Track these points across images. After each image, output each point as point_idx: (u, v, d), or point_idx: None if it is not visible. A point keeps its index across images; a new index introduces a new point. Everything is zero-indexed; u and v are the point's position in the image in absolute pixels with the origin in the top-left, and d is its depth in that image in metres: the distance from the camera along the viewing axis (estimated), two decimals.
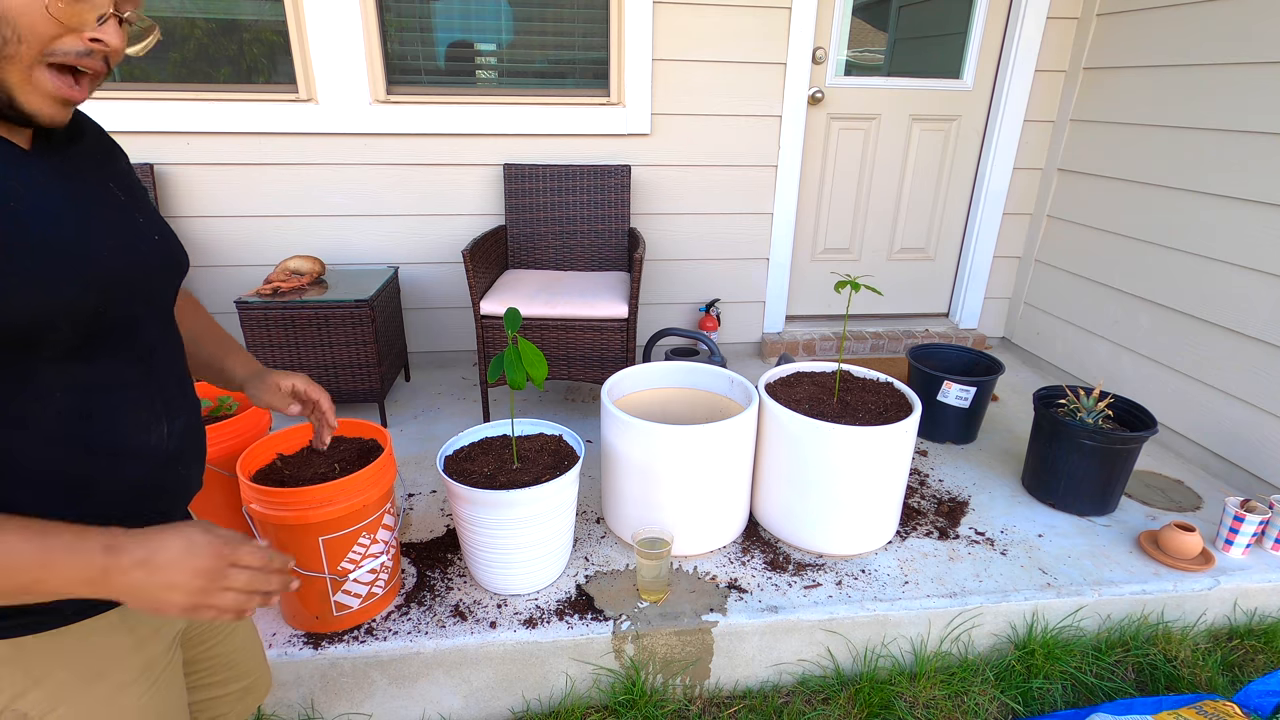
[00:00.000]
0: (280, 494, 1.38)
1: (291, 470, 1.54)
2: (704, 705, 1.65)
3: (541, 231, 2.79)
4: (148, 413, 0.75)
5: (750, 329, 3.22)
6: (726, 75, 2.77)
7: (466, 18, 2.65)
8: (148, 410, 0.75)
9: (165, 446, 0.77)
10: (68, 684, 0.73)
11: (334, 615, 1.53)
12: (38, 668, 0.71)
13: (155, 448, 0.76)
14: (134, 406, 0.73)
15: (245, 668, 1.00)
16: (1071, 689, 1.68)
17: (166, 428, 0.77)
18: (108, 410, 0.70)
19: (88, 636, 0.73)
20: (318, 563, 1.46)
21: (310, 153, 2.67)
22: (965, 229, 3.26)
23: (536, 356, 1.53)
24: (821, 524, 1.81)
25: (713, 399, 2.03)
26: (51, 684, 0.72)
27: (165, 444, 0.77)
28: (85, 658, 0.73)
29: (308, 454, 1.60)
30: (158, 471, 0.77)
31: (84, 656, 0.73)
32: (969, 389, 2.33)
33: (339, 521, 1.44)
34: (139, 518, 0.73)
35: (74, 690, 0.73)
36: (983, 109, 3.05)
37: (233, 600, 0.67)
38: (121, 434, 0.72)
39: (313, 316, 2.31)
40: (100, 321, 0.68)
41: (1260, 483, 2.17)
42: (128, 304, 0.72)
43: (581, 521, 1.98)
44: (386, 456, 1.51)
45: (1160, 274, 2.50)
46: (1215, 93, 2.28)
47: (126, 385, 0.72)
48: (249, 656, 1.01)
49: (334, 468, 1.54)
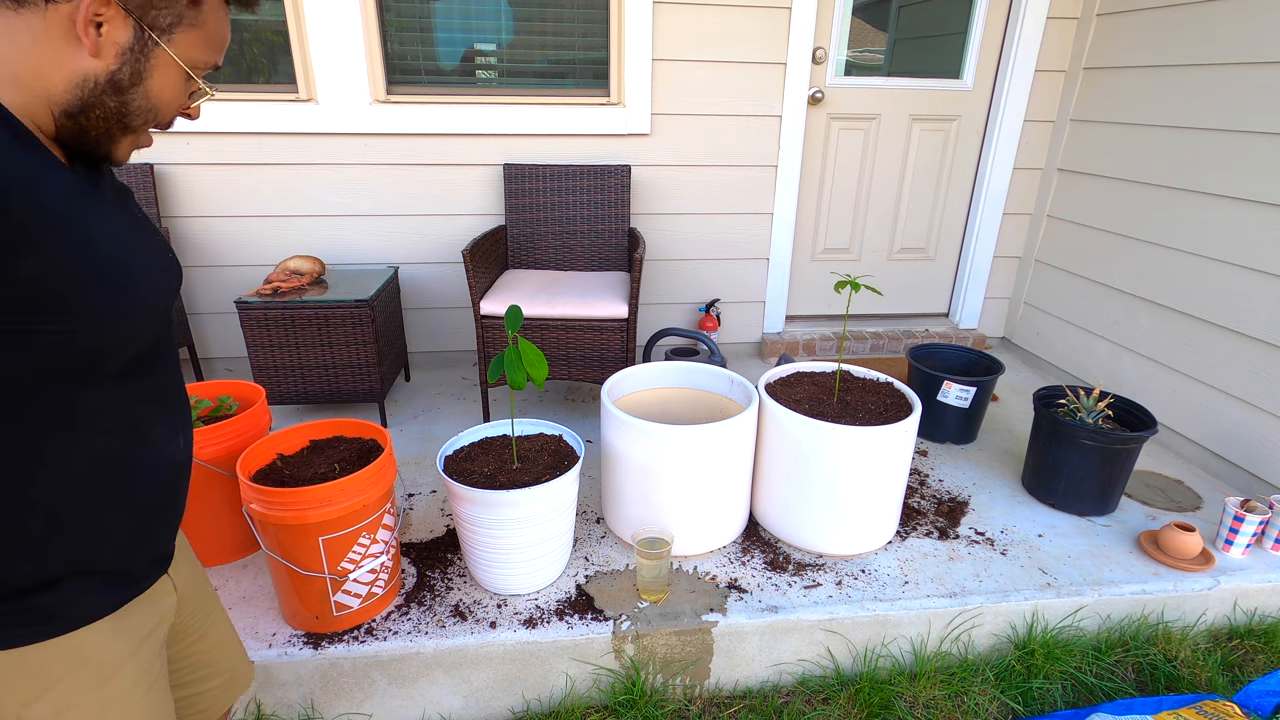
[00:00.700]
0: (280, 494, 1.38)
1: (291, 470, 1.54)
2: (704, 705, 1.65)
3: (541, 231, 2.79)
4: (171, 424, 0.79)
5: (750, 329, 3.22)
6: (726, 75, 2.77)
7: (466, 18, 2.65)
8: (171, 421, 0.79)
9: (179, 457, 0.81)
10: (73, 690, 0.73)
11: (334, 615, 1.53)
12: (45, 676, 0.71)
13: (174, 457, 0.80)
14: (162, 418, 0.77)
15: (224, 664, 1.01)
16: (1071, 689, 1.68)
17: (182, 439, 0.81)
18: (145, 422, 0.74)
19: (89, 643, 0.74)
20: (317, 563, 1.46)
21: (310, 153, 2.67)
22: (965, 229, 3.26)
23: (536, 356, 1.53)
24: (821, 524, 1.81)
25: (713, 399, 2.03)
26: (58, 691, 0.72)
27: (180, 454, 0.81)
28: (88, 664, 0.74)
29: (307, 454, 1.60)
30: (177, 481, 0.81)
31: (87, 663, 0.74)
32: (969, 389, 2.33)
33: (339, 521, 1.44)
34: (162, 529, 0.80)
35: (79, 696, 0.73)
36: (983, 109, 3.05)
37: None
38: (154, 443, 0.76)
39: (313, 316, 2.31)
40: (151, 341, 0.74)
41: (1260, 483, 2.17)
42: (164, 323, 0.77)
43: (581, 521, 1.98)
44: (386, 457, 1.51)
45: (1160, 274, 2.50)
46: (1215, 93, 2.28)
47: (158, 398, 0.77)
48: (227, 653, 1.02)
49: (334, 468, 1.55)
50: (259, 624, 1.58)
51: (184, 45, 0.67)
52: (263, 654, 1.50)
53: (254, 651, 1.50)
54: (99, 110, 0.64)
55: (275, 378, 2.37)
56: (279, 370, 2.36)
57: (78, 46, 0.61)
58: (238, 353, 2.91)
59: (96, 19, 0.60)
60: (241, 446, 1.69)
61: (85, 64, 0.62)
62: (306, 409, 2.61)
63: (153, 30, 0.64)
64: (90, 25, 0.60)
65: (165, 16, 0.64)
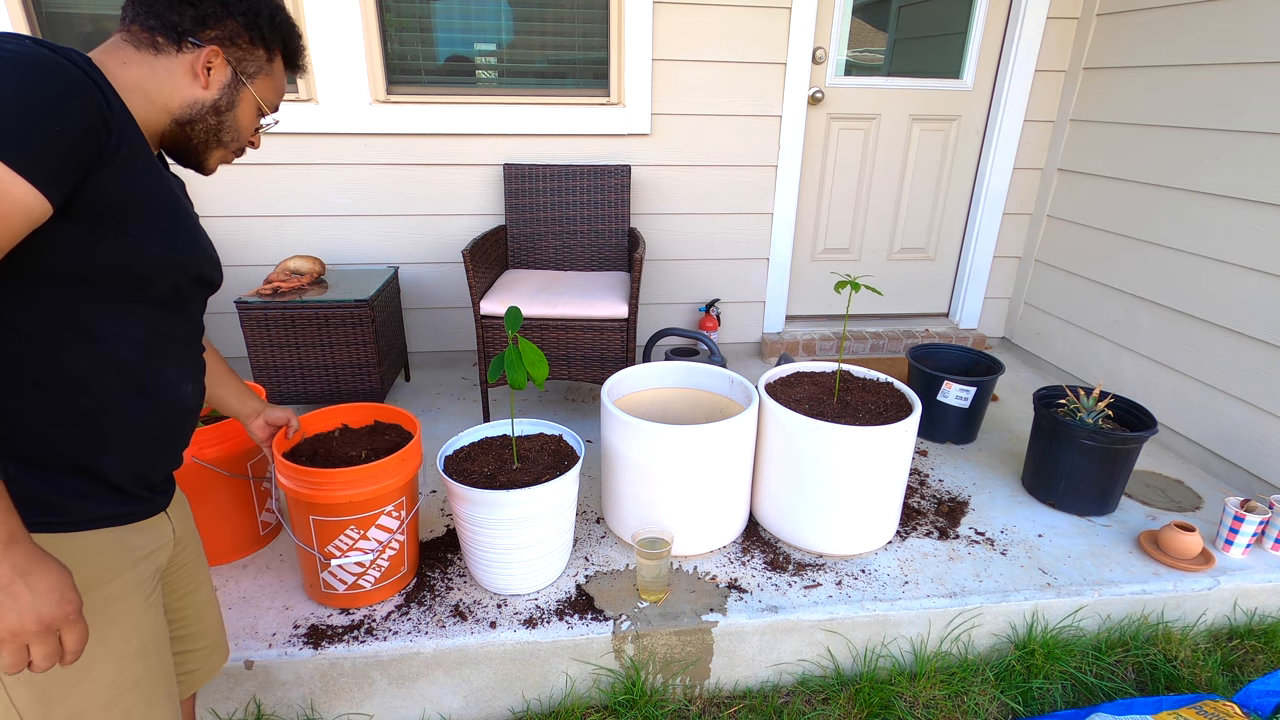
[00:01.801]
0: (311, 473, 1.44)
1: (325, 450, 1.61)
2: (704, 705, 1.65)
3: (541, 231, 2.79)
4: (192, 366, 0.95)
5: (750, 329, 3.22)
6: (726, 75, 2.77)
7: (467, 18, 2.65)
8: (192, 365, 0.95)
9: (188, 401, 0.95)
10: None
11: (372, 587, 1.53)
12: None
13: (189, 396, 0.95)
14: (185, 358, 0.93)
15: (210, 625, 1.12)
16: (1071, 689, 1.68)
17: (192, 385, 0.95)
18: (173, 354, 0.90)
19: (88, 547, 0.82)
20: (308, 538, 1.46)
21: (310, 153, 2.67)
22: (965, 229, 3.26)
23: (537, 356, 1.53)
24: (821, 524, 1.81)
25: (713, 399, 2.03)
26: None
27: (189, 399, 0.95)
28: (86, 565, 0.81)
29: (340, 435, 1.68)
30: (187, 418, 0.96)
31: (85, 564, 0.81)
32: (969, 389, 2.33)
33: (370, 502, 1.49)
34: (170, 454, 0.94)
35: None
36: (983, 109, 3.05)
37: (11, 658, 0.69)
38: (174, 375, 0.91)
39: (313, 316, 2.31)
40: (189, 286, 0.90)
41: (1260, 483, 2.17)
42: (200, 284, 0.93)
43: (581, 521, 1.98)
44: (376, 470, 1.50)
45: (1160, 274, 2.50)
46: (1215, 93, 2.28)
47: (186, 341, 0.93)
48: (212, 616, 1.12)
49: (361, 454, 1.59)
50: (259, 624, 1.58)
51: (261, 88, 0.95)
52: (263, 654, 1.50)
53: (254, 651, 1.50)
54: (202, 125, 0.91)
55: (275, 377, 2.37)
56: (279, 370, 2.37)
57: (194, 81, 0.88)
58: (238, 353, 2.91)
59: (209, 64, 0.88)
60: (242, 447, 1.69)
61: (198, 93, 0.89)
62: (306, 409, 2.61)
63: (243, 75, 0.92)
64: (204, 68, 0.88)
65: (251, 66, 0.93)
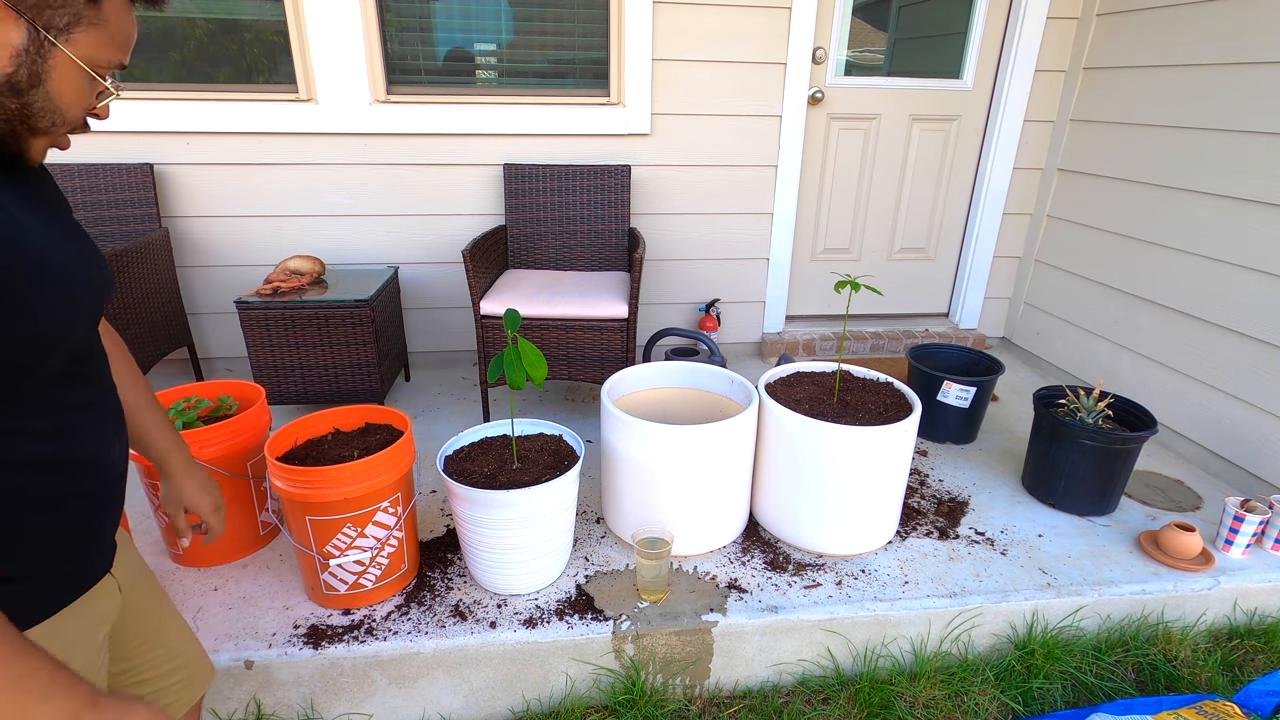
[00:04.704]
0: (304, 472, 1.45)
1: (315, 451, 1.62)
2: (704, 705, 1.65)
3: (541, 231, 2.79)
4: (106, 428, 0.78)
5: (750, 329, 3.22)
6: (726, 75, 2.77)
7: (466, 18, 2.65)
8: (106, 425, 0.78)
9: (116, 461, 0.80)
10: None
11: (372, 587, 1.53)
12: None
13: (112, 460, 0.79)
14: (97, 422, 0.77)
15: (182, 659, 1.01)
16: (1071, 689, 1.68)
17: (118, 443, 0.81)
18: (82, 427, 0.73)
19: (60, 626, 0.74)
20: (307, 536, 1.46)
21: (310, 153, 2.67)
22: (965, 229, 3.26)
23: (536, 356, 1.53)
24: (821, 524, 1.81)
25: (713, 399, 2.03)
26: None
27: (117, 458, 0.80)
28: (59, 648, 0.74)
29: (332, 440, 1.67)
30: (113, 484, 0.80)
31: (59, 647, 0.74)
32: (969, 389, 2.33)
33: (364, 499, 1.49)
34: (101, 532, 0.79)
35: None
36: (983, 109, 3.05)
37: None
38: (90, 449, 0.75)
39: (313, 316, 2.31)
40: (82, 345, 0.73)
41: (1260, 482, 2.17)
42: (94, 329, 0.77)
43: (581, 521, 1.98)
44: (367, 467, 1.50)
45: (1160, 274, 2.50)
46: (1215, 93, 2.28)
47: (93, 404, 0.76)
48: (185, 647, 1.02)
49: (354, 453, 1.59)
50: (259, 624, 1.58)
51: (84, 45, 0.65)
52: (263, 654, 1.50)
53: (254, 651, 1.50)
54: (0, 113, 0.63)
55: (275, 378, 2.37)
56: (279, 370, 2.37)
57: None
58: (238, 353, 2.91)
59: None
60: (242, 447, 1.69)
61: None
62: (307, 409, 2.61)
63: (48, 31, 0.62)
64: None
65: (61, 17, 0.62)
